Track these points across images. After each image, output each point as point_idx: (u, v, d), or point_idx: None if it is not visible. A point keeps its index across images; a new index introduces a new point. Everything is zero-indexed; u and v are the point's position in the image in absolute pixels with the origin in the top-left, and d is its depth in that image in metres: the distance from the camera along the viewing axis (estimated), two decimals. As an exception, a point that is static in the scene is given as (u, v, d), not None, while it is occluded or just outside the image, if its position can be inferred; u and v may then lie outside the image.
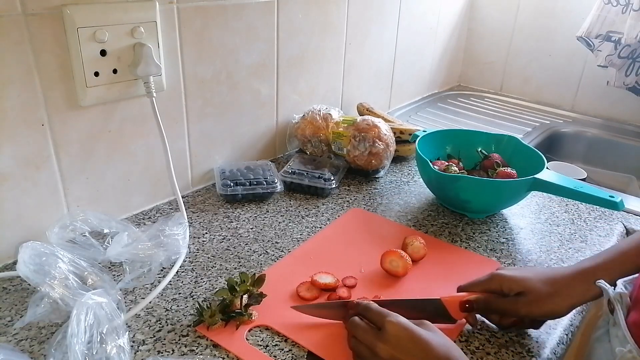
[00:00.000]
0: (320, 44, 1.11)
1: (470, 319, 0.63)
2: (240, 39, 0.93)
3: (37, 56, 0.66)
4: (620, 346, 0.59)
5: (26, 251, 0.61)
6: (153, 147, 0.84)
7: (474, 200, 0.87)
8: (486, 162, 0.94)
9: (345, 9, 1.14)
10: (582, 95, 1.54)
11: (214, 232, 0.82)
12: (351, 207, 0.92)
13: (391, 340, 0.52)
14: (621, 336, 0.59)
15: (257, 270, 0.73)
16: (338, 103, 1.24)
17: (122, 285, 0.68)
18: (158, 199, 0.89)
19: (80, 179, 0.77)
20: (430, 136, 0.98)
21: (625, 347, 0.58)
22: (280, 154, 1.13)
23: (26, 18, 0.64)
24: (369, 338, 0.54)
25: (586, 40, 1.37)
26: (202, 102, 0.91)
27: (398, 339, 0.52)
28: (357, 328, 0.56)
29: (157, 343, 0.59)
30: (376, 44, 1.29)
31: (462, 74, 1.78)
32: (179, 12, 0.81)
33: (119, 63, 0.74)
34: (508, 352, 0.61)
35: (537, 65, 1.60)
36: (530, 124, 1.43)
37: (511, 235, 0.86)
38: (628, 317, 0.60)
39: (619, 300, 0.61)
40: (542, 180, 0.82)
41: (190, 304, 0.66)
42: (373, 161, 1.00)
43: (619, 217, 0.93)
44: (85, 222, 0.71)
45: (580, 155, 1.43)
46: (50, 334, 0.60)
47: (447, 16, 1.57)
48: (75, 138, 0.74)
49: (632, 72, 1.34)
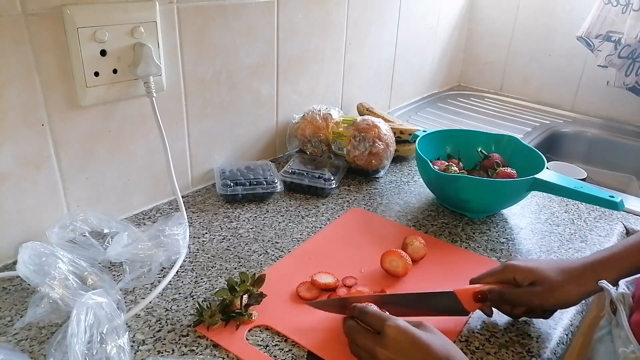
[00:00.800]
0: (320, 44, 1.11)
1: (486, 309, 0.63)
2: (240, 39, 0.93)
3: (37, 56, 0.66)
4: (623, 347, 0.58)
5: (26, 251, 0.61)
6: (153, 147, 0.84)
7: (474, 200, 0.87)
8: (486, 162, 0.94)
9: (345, 9, 1.14)
10: (582, 95, 1.54)
11: (214, 232, 0.82)
12: (351, 207, 0.92)
13: (391, 345, 0.52)
14: (624, 337, 0.59)
15: (257, 270, 0.73)
16: (338, 103, 1.24)
17: (122, 285, 0.68)
18: (158, 199, 0.89)
19: (80, 179, 0.77)
20: (430, 136, 0.98)
21: (628, 347, 0.57)
22: (280, 154, 1.13)
23: (26, 18, 0.64)
24: (369, 343, 0.54)
25: (586, 40, 1.37)
26: (202, 102, 0.91)
27: (398, 343, 0.52)
28: (355, 333, 0.56)
29: (157, 343, 0.59)
30: (376, 44, 1.29)
31: (462, 74, 1.78)
32: (179, 12, 0.81)
33: (119, 63, 0.74)
34: (508, 352, 0.61)
35: (537, 65, 1.60)
36: (530, 124, 1.43)
37: (511, 235, 0.86)
38: (631, 317, 0.60)
39: (622, 301, 0.61)
40: (542, 180, 0.82)
41: (190, 304, 0.66)
42: (373, 161, 1.00)
43: (619, 217, 0.93)
44: (85, 222, 0.71)
45: (580, 155, 1.43)
46: (50, 334, 0.60)
47: (447, 16, 1.57)
48: (75, 138, 0.74)
49: (632, 72, 1.34)
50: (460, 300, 0.62)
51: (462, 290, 0.62)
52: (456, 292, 0.62)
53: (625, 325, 0.59)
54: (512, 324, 0.65)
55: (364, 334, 0.55)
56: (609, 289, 0.59)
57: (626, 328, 0.59)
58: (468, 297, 0.62)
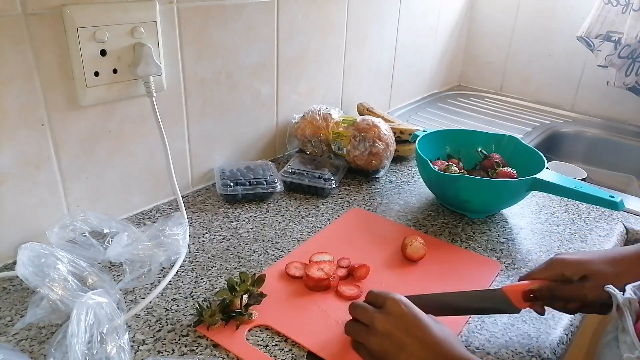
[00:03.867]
0: (320, 44, 1.11)
1: (537, 307, 0.61)
2: (240, 39, 0.93)
3: (37, 56, 0.66)
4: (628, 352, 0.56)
5: (25, 252, 0.61)
6: (153, 147, 0.84)
7: (474, 200, 0.87)
8: (486, 162, 0.94)
9: (345, 9, 1.14)
10: (582, 95, 1.54)
11: (214, 232, 0.82)
12: (351, 207, 0.92)
13: (390, 316, 0.52)
14: (629, 342, 0.57)
15: (257, 270, 0.73)
16: (338, 103, 1.24)
17: (122, 285, 0.68)
18: (158, 199, 0.89)
19: (80, 179, 0.77)
20: (430, 136, 0.98)
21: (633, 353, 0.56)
22: (280, 154, 1.13)
23: (26, 18, 0.64)
24: (369, 314, 0.53)
25: (586, 40, 1.37)
26: (202, 102, 0.91)
27: (398, 317, 0.52)
28: (357, 308, 0.55)
29: (157, 343, 0.59)
30: (376, 44, 1.29)
31: (462, 74, 1.78)
32: (179, 12, 0.81)
33: (119, 63, 0.74)
34: (508, 352, 0.61)
35: (537, 65, 1.60)
36: (530, 124, 1.43)
37: (511, 235, 0.86)
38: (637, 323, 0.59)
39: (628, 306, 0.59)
40: (542, 180, 0.82)
41: (190, 304, 0.66)
42: (373, 161, 1.00)
43: (619, 217, 0.93)
44: (85, 222, 0.71)
45: (580, 155, 1.43)
46: (50, 334, 0.60)
47: (447, 16, 1.57)
48: (75, 138, 0.74)
49: (632, 72, 1.34)
50: (511, 298, 0.59)
51: (511, 288, 0.60)
52: (505, 291, 0.60)
53: (631, 331, 0.58)
54: (512, 324, 0.65)
55: (365, 308, 0.54)
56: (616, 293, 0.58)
57: (632, 333, 0.57)
58: (517, 295, 0.59)
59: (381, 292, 0.56)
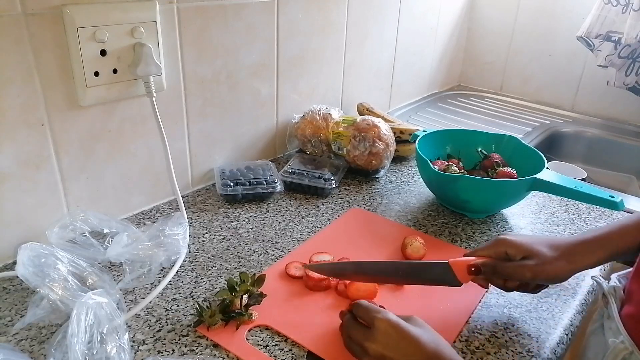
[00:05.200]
0: (320, 44, 1.11)
1: (480, 281, 0.64)
2: (240, 39, 0.93)
3: (37, 56, 0.66)
4: (613, 337, 0.61)
5: (25, 252, 0.60)
6: (153, 147, 0.84)
7: (474, 200, 0.87)
8: (486, 162, 0.94)
9: (345, 9, 1.14)
10: (582, 95, 1.54)
11: (214, 232, 0.82)
12: (351, 207, 0.92)
13: (380, 339, 0.53)
14: (614, 328, 0.61)
15: (257, 270, 0.73)
16: (338, 103, 1.24)
17: (122, 285, 0.68)
18: (158, 199, 0.89)
19: (80, 179, 0.77)
20: (430, 136, 0.98)
21: (618, 338, 0.60)
22: (280, 154, 1.13)
23: (26, 18, 0.64)
24: (360, 337, 0.54)
25: (586, 40, 1.37)
26: (202, 102, 0.91)
27: (387, 337, 0.52)
28: (348, 328, 0.57)
29: (157, 343, 0.59)
30: (376, 44, 1.29)
31: (462, 74, 1.78)
32: (179, 12, 0.81)
33: (119, 63, 0.74)
34: (508, 352, 0.61)
35: (537, 65, 1.60)
36: (530, 124, 1.43)
37: (511, 235, 0.86)
38: (621, 309, 0.62)
39: (613, 294, 0.63)
40: (542, 180, 0.82)
41: (190, 304, 0.66)
42: (373, 161, 1.00)
43: (619, 217, 0.92)
44: (85, 222, 0.71)
45: (580, 155, 1.43)
46: (50, 334, 0.60)
47: (447, 16, 1.57)
48: (75, 138, 0.74)
49: (632, 72, 1.34)
50: (454, 271, 0.62)
51: (457, 262, 0.63)
52: (450, 264, 0.62)
53: (616, 317, 0.61)
54: (512, 324, 0.65)
55: (356, 328, 0.56)
56: (601, 282, 0.61)
57: (617, 320, 0.61)
58: (462, 268, 0.62)
59: (368, 307, 0.56)
